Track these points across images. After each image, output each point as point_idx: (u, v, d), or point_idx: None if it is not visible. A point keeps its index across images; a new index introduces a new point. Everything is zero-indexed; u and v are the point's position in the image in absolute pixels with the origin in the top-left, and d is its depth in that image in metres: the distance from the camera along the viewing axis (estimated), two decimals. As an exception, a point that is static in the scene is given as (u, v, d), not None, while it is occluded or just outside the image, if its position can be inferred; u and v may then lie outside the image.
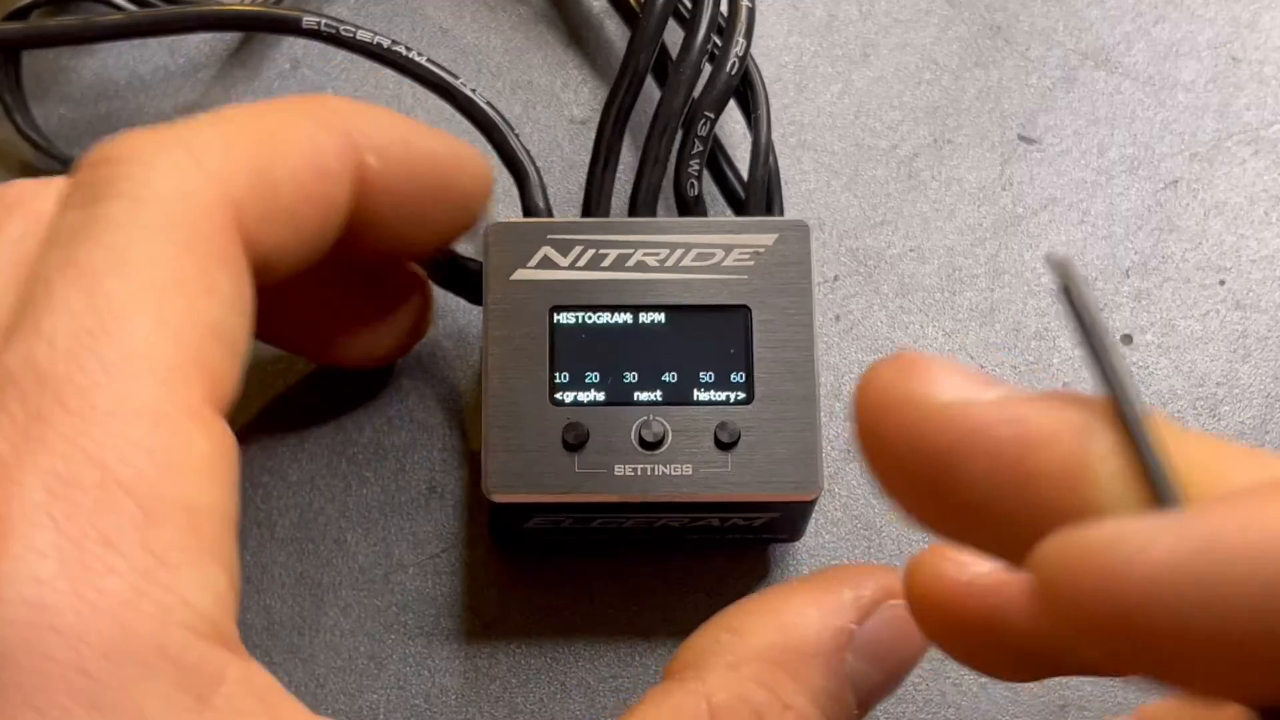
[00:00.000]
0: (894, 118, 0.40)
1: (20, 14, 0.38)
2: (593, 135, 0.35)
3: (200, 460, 0.23)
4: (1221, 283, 0.38)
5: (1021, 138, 0.39)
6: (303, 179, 0.27)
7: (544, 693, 0.33)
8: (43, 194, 0.26)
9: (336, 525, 0.35)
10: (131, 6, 0.38)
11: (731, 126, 0.38)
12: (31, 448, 0.22)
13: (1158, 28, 0.41)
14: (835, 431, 0.36)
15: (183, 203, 0.24)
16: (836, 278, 0.38)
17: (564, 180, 0.39)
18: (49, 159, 0.38)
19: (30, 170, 0.39)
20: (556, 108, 0.40)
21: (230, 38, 0.40)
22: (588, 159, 0.35)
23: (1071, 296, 0.20)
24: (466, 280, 0.34)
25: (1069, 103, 0.40)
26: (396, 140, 0.29)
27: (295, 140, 0.27)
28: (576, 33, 0.41)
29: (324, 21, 0.35)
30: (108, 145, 0.26)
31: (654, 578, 0.34)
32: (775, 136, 0.39)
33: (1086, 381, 0.37)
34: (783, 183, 0.39)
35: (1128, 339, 0.37)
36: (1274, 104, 0.40)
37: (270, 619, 0.34)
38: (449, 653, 0.34)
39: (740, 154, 0.37)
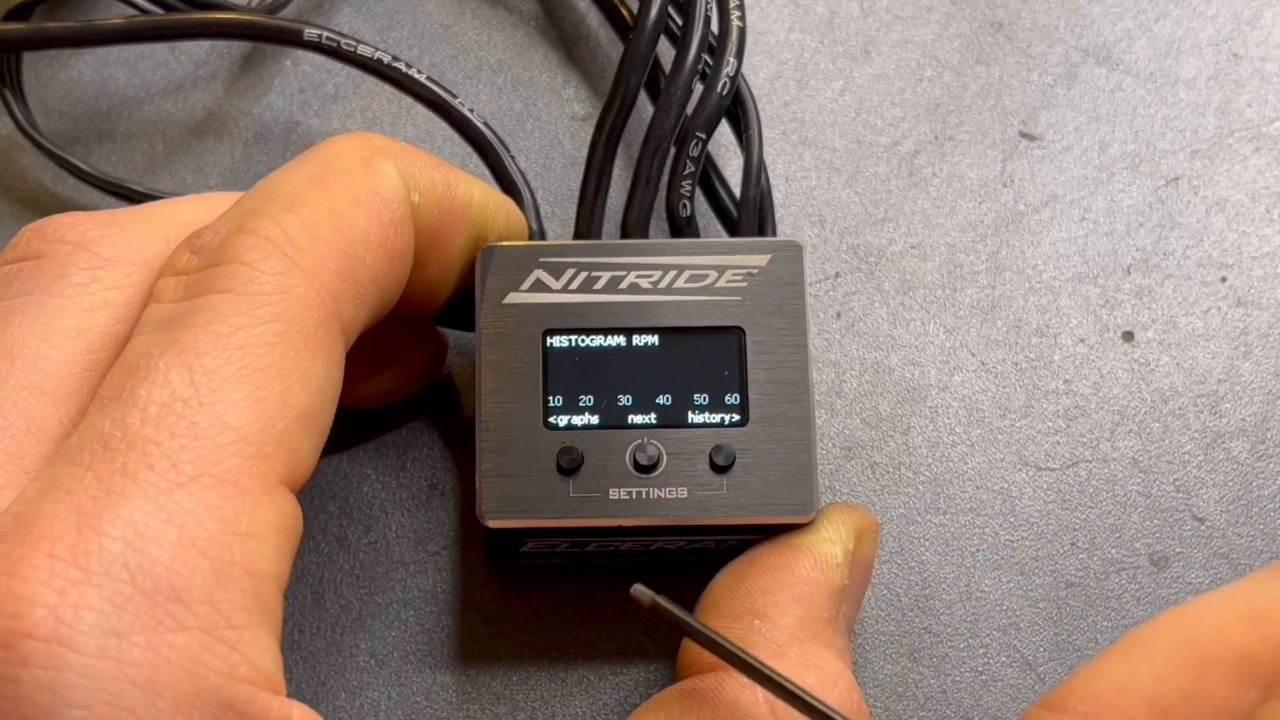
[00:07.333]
0: (895, 114, 0.40)
1: (20, 12, 0.38)
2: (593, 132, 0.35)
3: (268, 531, 0.24)
4: (1223, 279, 0.38)
5: (1023, 134, 0.39)
6: (379, 239, 0.28)
7: (544, 690, 0.33)
8: (104, 240, 0.28)
9: (338, 522, 0.35)
10: (142, 5, 0.38)
11: (727, 141, 0.38)
12: (113, 501, 0.23)
13: (1159, 24, 0.41)
14: (837, 429, 0.36)
15: (283, 297, 0.26)
16: (838, 274, 0.38)
17: (564, 177, 0.39)
18: (49, 158, 0.38)
19: (30, 168, 0.39)
20: (558, 104, 0.40)
21: (231, 35, 0.40)
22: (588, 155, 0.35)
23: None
24: (458, 310, 0.33)
25: (1070, 99, 0.40)
26: (439, 181, 0.30)
27: (366, 201, 0.28)
28: (578, 30, 0.41)
29: (325, 35, 0.36)
30: (205, 239, 0.27)
31: (654, 571, 0.34)
32: (777, 133, 0.39)
33: (1087, 379, 0.37)
34: (784, 179, 0.39)
35: (1129, 336, 0.37)
36: (1275, 101, 0.40)
37: (271, 616, 0.34)
38: (450, 650, 0.34)
39: (732, 169, 0.37)
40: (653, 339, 0.32)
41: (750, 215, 0.35)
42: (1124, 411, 0.36)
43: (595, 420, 0.31)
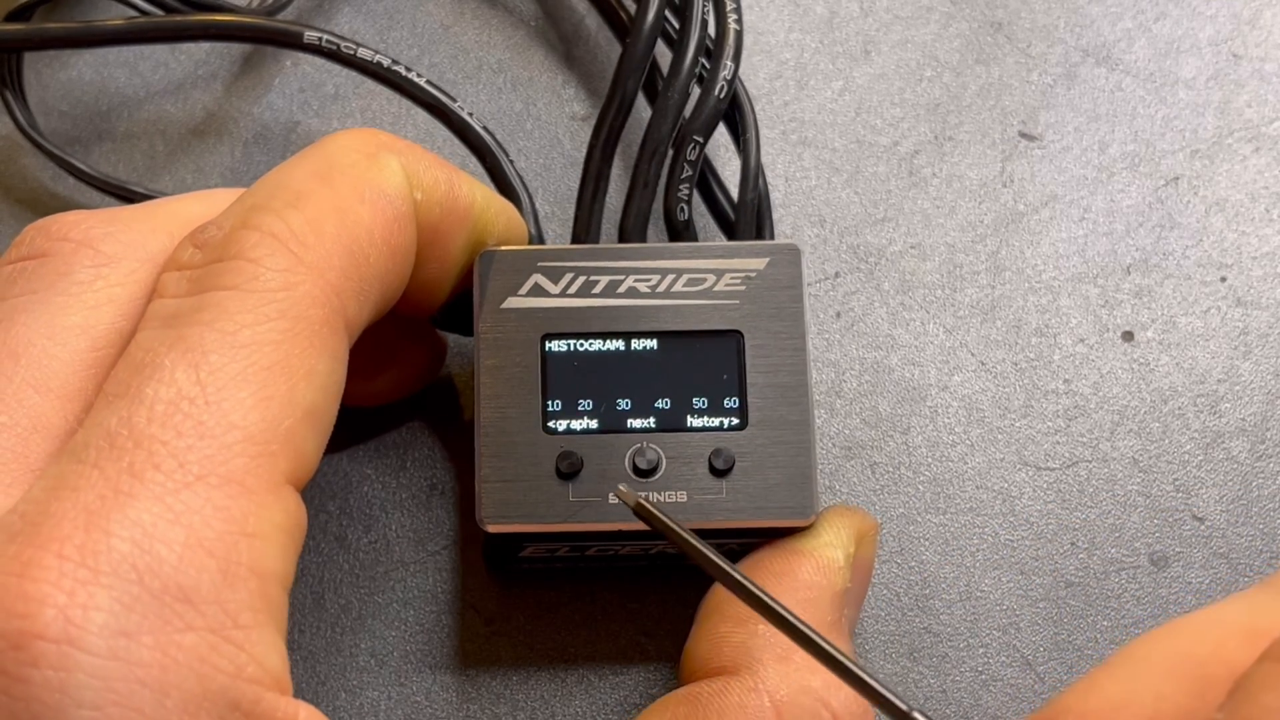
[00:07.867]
0: (895, 114, 0.40)
1: (22, 13, 0.38)
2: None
3: (274, 530, 0.24)
4: (1223, 279, 0.38)
5: (1022, 134, 0.39)
6: (383, 235, 0.28)
7: (545, 689, 0.33)
8: (108, 237, 0.28)
9: (338, 522, 0.35)
10: (142, 7, 0.38)
11: (725, 143, 0.38)
12: (121, 501, 0.23)
13: (1159, 24, 0.41)
14: (837, 429, 0.36)
15: (288, 294, 0.26)
16: (837, 274, 0.38)
17: (564, 177, 0.39)
18: (49, 158, 0.38)
19: (30, 168, 0.39)
20: (558, 105, 0.40)
21: (231, 36, 0.40)
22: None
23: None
24: (457, 314, 0.33)
25: (1070, 99, 0.40)
26: (441, 180, 0.30)
27: (370, 197, 0.28)
28: (577, 30, 0.41)
29: (325, 38, 0.36)
30: (209, 234, 0.27)
31: (654, 573, 0.34)
32: (776, 134, 0.39)
33: (1087, 379, 0.37)
34: (784, 179, 0.39)
35: (1128, 336, 0.37)
36: (1275, 101, 0.40)
37: (272, 616, 0.34)
38: (450, 650, 0.34)
39: (730, 172, 0.37)
40: (651, 343, 0.32)
41: (748, 218, 0.35)
42: (1124, 411, 0.36)
43: (594, 424, 0.31)
